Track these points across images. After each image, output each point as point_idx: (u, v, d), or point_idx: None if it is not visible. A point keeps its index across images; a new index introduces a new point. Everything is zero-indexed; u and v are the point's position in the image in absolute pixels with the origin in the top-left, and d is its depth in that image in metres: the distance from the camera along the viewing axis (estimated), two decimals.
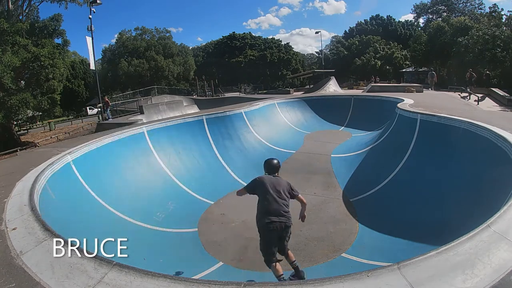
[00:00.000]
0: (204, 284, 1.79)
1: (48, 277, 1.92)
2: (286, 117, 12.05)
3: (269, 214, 3.05)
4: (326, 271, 3.60)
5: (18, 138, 16.87)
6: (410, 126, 6.54)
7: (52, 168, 4.43)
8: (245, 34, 53.31)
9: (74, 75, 38.85)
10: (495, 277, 1.63)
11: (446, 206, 4.33)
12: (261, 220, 3.08)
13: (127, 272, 1.91)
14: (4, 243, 2.38)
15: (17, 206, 3.06)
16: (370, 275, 1.73)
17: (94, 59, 19.05)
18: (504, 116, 7.34)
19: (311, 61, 63.14)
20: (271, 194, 3.13)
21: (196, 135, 8.25)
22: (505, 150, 3.74)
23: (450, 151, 5.20)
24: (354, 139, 9.58)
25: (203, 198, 6.09)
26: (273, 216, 3.03)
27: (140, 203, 5.27)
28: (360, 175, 6.72)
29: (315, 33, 57.57)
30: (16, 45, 13.51)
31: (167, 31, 40.35)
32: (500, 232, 2.00)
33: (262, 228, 3.08)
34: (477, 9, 39.41)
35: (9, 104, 12.31)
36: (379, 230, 4.51)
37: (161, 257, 3.91)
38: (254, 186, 3.30)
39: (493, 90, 15.14)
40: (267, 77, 48.46)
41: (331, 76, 22.53)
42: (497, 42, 21.05)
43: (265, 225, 3.03)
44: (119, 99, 25.38)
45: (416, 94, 14.17)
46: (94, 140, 6.22)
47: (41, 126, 24.38)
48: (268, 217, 3.03)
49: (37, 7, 23.68)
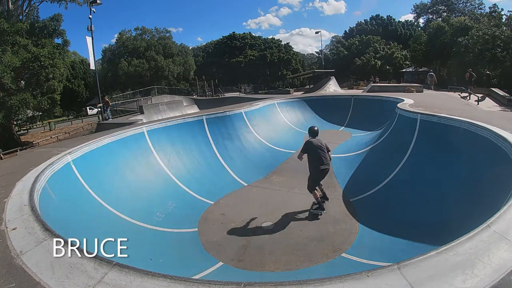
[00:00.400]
0: (204, 284, 1.79)
1: (48, 277, 1.91)
2: (286, 117, 12.04)
3: (322, 163, 4.96)
4: (326, 271, 3.59)
5: (18, 138, 16.89)
6: (410, 126, 6.54)
7: (52, 168, 4.43)
8: (245, 34, 53.30)
9: (74, 75, 38.88)
10: (495, 277, 1.63)
11: (446, 206, 4.32)
12: (317, 167, 4.98)
13: (127, 272, 1.91)
14: (4, 243, 2.38)
15: (17, 206, 3.06)
16: (370, 275, 1.73)
17: (94, 59, 19.07)
18: (504, 116, 7.34)
19: (311, 61, 63.16)
20: (319, 151, 5.01)
21: (196, 135, 8.25)
22: (505, 150, 3.74)
23: (450, 151, 5.20)
24: (354, 139, 9.58)
25: (203, 198, 6.09)
26: (324, 164, 4.97)
27: (140, 203, 5.27)
28: (360, 175, 6.71)
29: (315, 33, 57.64)
30: (16, 45, 13.52)
31: (167, 31, 40.41)
32: (500, 232, 2.00)
33: (315, 171, 5.00)
34: (477, 9, 39.48)
35: (9, 104, 12.33)
36: (379, 230, 4.50)
37: (161, 257, 3.90)
38: (308, 147, 5.09)
39: (493, 90, 15.15)
40: (267, 77, 48.45)
41: (331, 76, 22.53)
42: (497, 42, 21.07)
43: (320, 170, 4.96)
44: (119, 99, 25.38)
45: (416, 94, 14.18)
46: (94, 140, 6.22)
47: (41, 126, 24.41)
48: (321, 164, 4.96)
49: (37, 7, 23.72)
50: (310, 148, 5.04)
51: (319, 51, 53.89)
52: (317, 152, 4.96)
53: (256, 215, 5.30)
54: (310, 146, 5.05)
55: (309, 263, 3.82)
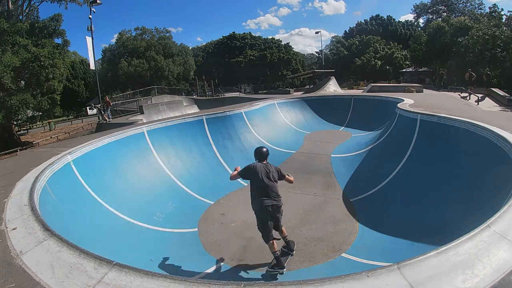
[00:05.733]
0: (204, 284, 1.79)
1: (48, 277, 1.91)
2: (286, 117, 12.04)
3: (262, 197, 3.49)
4: (326, 271, 3.59)
5: (18, 138, 16.88)
6: (410, 126, 6.54)
7: (52, 168, 4.43)
8: (245, 34, 53.31)
9: (74, 75, 38.87)
10: (495, 277, 1.63)
11: (446, 206, 4.32)
12: (256, 203, 3.53)
13: (127, 272, 1.91)
14: (4, 243, 2.38)
15: (17, 206, 3.06)
16: (370, 275, 1.73)
17: (94, 59, 19.08)
18: (504, 116, 7.33)
19: (311, 61, 63.20)
20: (263, 179, 3.57)
21: (196, 135, 8.25)
22: (505, 150, 3.74)
23: (450, 151, 5.20)
24: (354, 139, 9.57)
25: (203, 198, 6.09)
26: (266, 199, 3.48)
27: (140, 203, 5.27)
28: (360, 175, 6.71)
29: (315, 33, 57.70)
30: (16, 45, 13.52)
31: (167, 31, 40.35)
32: (500, 232, 2.00)
33: (258, 209, 3.53)
34: (477, 9, 39.48)
35: (9, 104, 12.32)
36: (379, 230, 4.50)
37: (161, 257, 3.90)
38: (247, 172, 3.70)
39: (493, 90, 15.15)
40: (267, 77, 48.45)
41: (331, 76, 22.53)
42: (497, 42, 21.07)
43: (259, 207, 3.48)
44: (119, 99, 25.36)
45: (416, 94, 14.18)
46: (94, 140, 6.22)
47: (41, 126, 24.38)
48: (261, 199, 3.47)
49: (37, 7, 23.73)
50: (252, 174, 3.65)
51: (319, 51, 53.98)
52: (260, 181, 3.56)
53: None
54: (252, 171, 3.66)
55: (309, 263, 3.82)
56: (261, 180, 3.56)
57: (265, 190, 3.51)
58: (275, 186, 3.60)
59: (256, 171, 3.62)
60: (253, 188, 3.63)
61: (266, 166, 3.70)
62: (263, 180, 3.55)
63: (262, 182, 3.55)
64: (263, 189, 3.52)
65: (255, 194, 3.56)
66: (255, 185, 3.61)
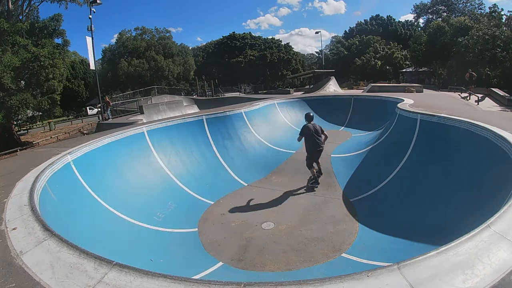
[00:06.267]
0: (204, 284, 1.78)
1: (48, 277, 1.91)
2: (286, 117, 12.04)
3: (316, 145, 6.07)
4: (326, 271, 3.59)
5: (18, 138, 16.90)
6: (410, 126, 6.54)
7: (52, 168, 4.43)
8: (245, 34, 53.34)
9: (74, 75, 38.91)
10: (495, 277, 1.63)
11: (446, 206, 4.32)
12: (311, 147, 6.11)
13: (127, 272, 1.91)
14: (4, 243, 2.38)
15: (17, 206, 3.06)
16: (370, 275, 1.73)
17: (94, 59, 19.05)
18: (504, 116, 7.33)
19: (311, 61, 63.25)
20: (314, 134, 6.07)
21: (196, 135, 8.24)
22: (505, 150, 3.74)
23: (450, 151, 5.19)
24: (354, 139, 9.57)
25: (203, 198, 6.09)
26: (318, 146, 6.08)
27: (140, 203, 5.26)
28: (360, 175, 6.71)
29: (315, 33, 57.72)
30: (16, 45, 13.53)
31: (167, 31, 40.43)
32: (500, 232, 2.00)
33: (312, 151, 6.12)
34: (477, 9, 39.55)
35: (9, 104, 12.33)
36: (379, 230, 4.50)
37: (161, 257, 3.90)
38: (303, 131, 6.13)
39: (493, 90, 15.16)
40: (267, 77, 48.47)
41: (331, 76, 22.52)
42: (497, 42, 21.08)
43: (314, 149, 6.10)
44: (119, 99, 25.37)
45: (416, 94, 14.18)
46: (94, 140, 6.22)
47: (41, 126, 24.40)
48: (315, 146, 6.07)
49: (37, 7, 23.77)
50: (305, 132, 6.04)
51: (319, 51, 54.01)
52: (311, 135, 6.01)
53: (256, 215, 5.30)
54: (305, 130, 6.05)
55: (309, 263, 3.82)
56: (313, 134, 6.02)
57: (316, 140, 6.03)
58: (321, 138, 6.11)
59: (309, 129, 6.07)
60: (307, 139, 6.07)
61: (314, 125, 6.15)
62: (314, 134, 6.02)
63: (313, 136, 6.02)
64: (314, 139, 6.01)
65: (310, 143, 6.06)
66: (309, 138, 6.04)
